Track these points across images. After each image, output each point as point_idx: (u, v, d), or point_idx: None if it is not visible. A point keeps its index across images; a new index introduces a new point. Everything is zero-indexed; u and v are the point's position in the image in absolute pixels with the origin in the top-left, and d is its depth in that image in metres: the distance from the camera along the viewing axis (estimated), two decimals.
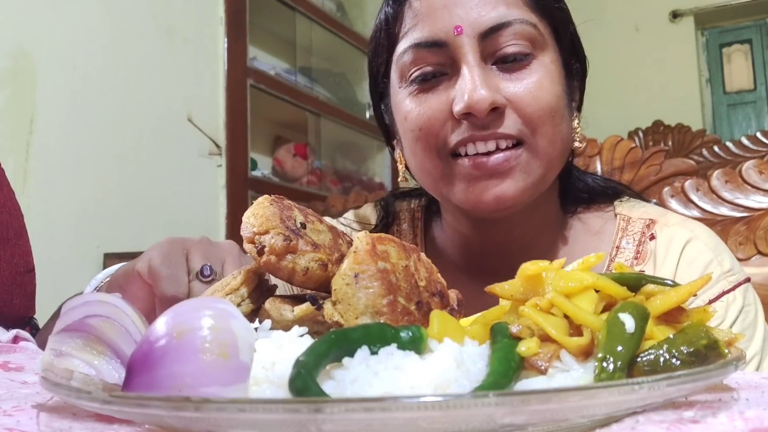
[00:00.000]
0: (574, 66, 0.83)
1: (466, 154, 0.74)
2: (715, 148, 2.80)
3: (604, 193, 0.89)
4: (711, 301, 0.76)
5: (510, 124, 0.73)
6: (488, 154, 0.73)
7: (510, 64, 0.74)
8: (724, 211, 1.22)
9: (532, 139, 0.74)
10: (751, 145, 2.71)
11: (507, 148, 0.74)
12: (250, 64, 2.78)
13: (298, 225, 0.47)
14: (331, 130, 3.41)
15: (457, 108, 0.72)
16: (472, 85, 0.72)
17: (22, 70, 1.98)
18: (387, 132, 0.89)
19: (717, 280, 0.78)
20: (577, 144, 0.82)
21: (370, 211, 0.99)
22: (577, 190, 0.88)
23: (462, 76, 0.73)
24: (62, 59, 2.08)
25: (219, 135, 2.64)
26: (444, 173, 0.76)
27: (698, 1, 4.71)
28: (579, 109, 0.85)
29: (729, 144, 2.81)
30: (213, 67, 2.66)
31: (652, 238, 0.82)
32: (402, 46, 0.78)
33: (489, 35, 0.74)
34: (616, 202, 0.88)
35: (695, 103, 4.66)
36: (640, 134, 3.46)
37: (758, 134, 2.77)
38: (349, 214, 1.00)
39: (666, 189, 1.29)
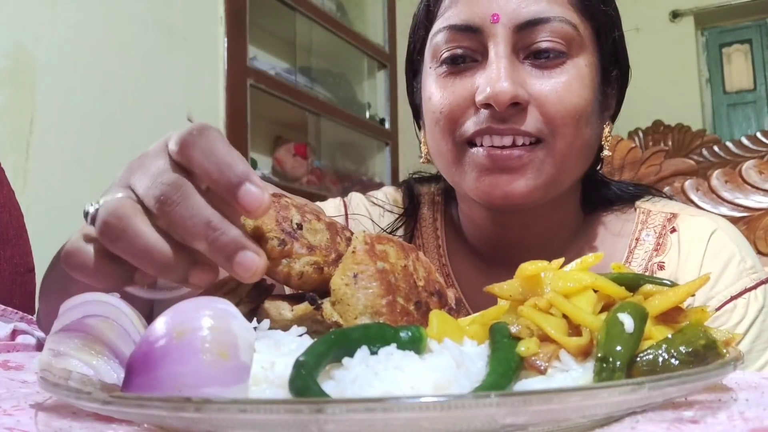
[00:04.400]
0: (612, 73, 0.81)
1: (482, 145, 0.73)
2: (715, 148, 2.80)
3: (628, 196, 0.88)
4: (733, 298, 0.76)
5: (531, 122, 0.72)
6: (503, 147, 0.72)
7: (542, 60, 0.73)
8: (724, 211, 1.22)
9: (551, 139, 0.73)
10: (751, 145, 2.71)
11: (523, 145, 0.73)
12: (250, 64, 2.78)
13: (294, 226, 0.47)
14: (331, 130, 3.41)
15: (479, 97, 0.72)
16: (496, 76, 0.71)
17: (22, 70, 1.98)
18: (417, 111, 0.88)
19: (740, 275, 0.77)
20: (606, 152, 0.81)
21: (393, 193, 0.98)
22: (601, 196, 0.87)
23: (489, 66, 0.72)
24: (62, 59, 2.08)
25: None
26: (458, 159, 0.76)
27: (698, 1, 4.71)
28: (614, 118, 0.84)
29: (729, 144, 2.81)
30: (213, 67, 2.66)
31: (674, 230, 0.82)
32: (438, 25, 0.77)
33: (525, 28, 0.72)
34: (638, 202, 0.87)
35: (695, 103, 4.66)
36: (640, 134, 3.46)
37: (758, 134, 2.77)
38: (380, 194, 0.98)
39: (666, 189, 1.29)
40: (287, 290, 0.83)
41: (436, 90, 0.77)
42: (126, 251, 0.42)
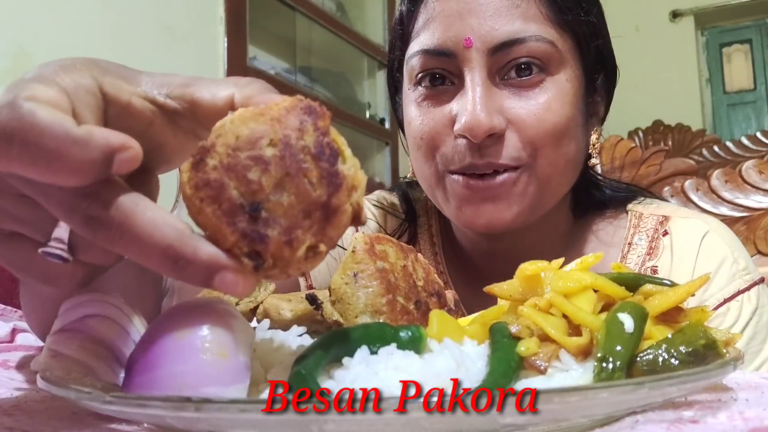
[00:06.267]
0: (598, 80, 0.79)
1: (462, 173, 0.72)
2: (715, 148, 2.81)
3: (621, 197, 0.87)
4: (726, 300, 0.75)
5: (510, 149, 0.71)
6: (483, 176, 0.71)
7: (519, 80, 0.71)
8: (724, 211, 1.22)
9: (533, 163, 0.71)
10: (751, 145, 2.72)
11: (505, 171, 0.71)
12: (250, 63, 2.78)
13: (251, 211, 0.33)
14: None
15: (456, 127, 0.71)
16: (471, 107, 0.69)
17: (22, 70, 1.98)
18: (401, 125, 0.87)
19: (733, 277, 0.76)
20: (594, 160, 0.80)
21: (389, 197, 0.97)
22: (593, 199, 0.86)
23: (465, 94, 0.71)
24: None
25: None
26: (440, 184, 0.75)
27: (698, 1, 4.71)
28: (602, 121, 0.82)
29: (729, 144, 2.82)
30: (213, 67, 2.66)
31: (666, 234, 0.81)
32: (413, 48, 0.76)
33: (500, 50, 0.70)
34: (630, 205, 0.86)
35: (695, 103, 4.67)
36: (640, 134, 3.46)
37: (758, 134, 2.78)
38: (374, 197, 0.96)
39: (666, 189, 1.29)
40: (302, 287, 0.83)
41: (415, 114, 0.76)
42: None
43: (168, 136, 0.38)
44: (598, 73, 0.79)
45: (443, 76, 0.74)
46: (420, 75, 0.75)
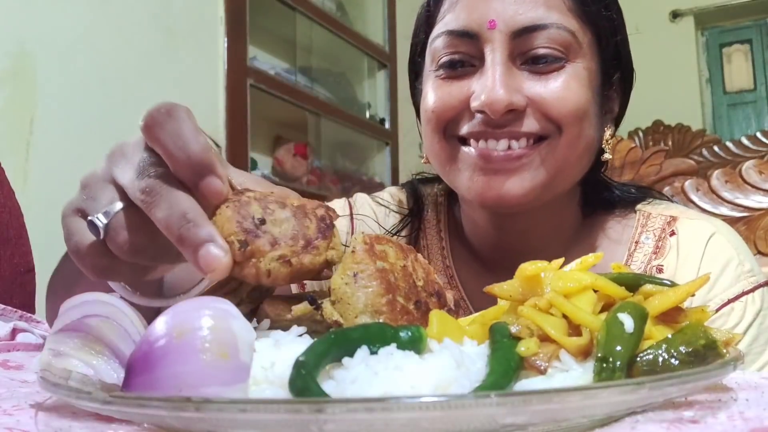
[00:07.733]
0: (614, 76, 0.80)
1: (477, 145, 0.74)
2: (715, 148, 2.80)
3: (630, 199, 0.87)
4: (730, 301, 0.76)
5: (531, 123, 0.72)
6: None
7: (539, 66, 0.73)
8: (724, 211, 1.22)
9: (557, 135, 0.73)
10: (751, 145, 2.71)
11: (520, 149, 0.72)
12: (250, 63, 2.78)
13: (256, 222, 0.44)
14: (331, 130, 3.41)
15: (474, 104, 0.72)
16: (491, 84, 0.71)
17: (22, 70, 1.98)
18: (418, 111, 0.88)
19: (737, 279, 0.77)
20: (606, 155, 0.81)
21: (398, 193, 0.98)
22: (602, 198, 0.87)
23: (485, 72, 0.73)
24: (62, 59, 2.08)
25: (219, 135, 2.63)
26: (451, 157, 0.76)
27: (698, 1, 4.71)
28: (617, 123, 0.84)
29: (729, 144, 2.81)
30: (213, 67, 2.66)
31: (673, 234, 0.81)
32: (437, 30, 0.78)
33: (522, 35, 0.72)
34: (639, 205, 0.87)
35: (695, 103, 4.66)
36: (640, 134, 3.46)
37: (758, 134, 2.77)
38: (385, 194, 0.98)
39: (666, 189, 1.29)
40: (294, 289, 0.83)
41: (432, 91, 0.77)
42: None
43: None
44: (614, 69, 0.80)
45: (464, 61, 0.75)
46: (443, 58, 0.76)
